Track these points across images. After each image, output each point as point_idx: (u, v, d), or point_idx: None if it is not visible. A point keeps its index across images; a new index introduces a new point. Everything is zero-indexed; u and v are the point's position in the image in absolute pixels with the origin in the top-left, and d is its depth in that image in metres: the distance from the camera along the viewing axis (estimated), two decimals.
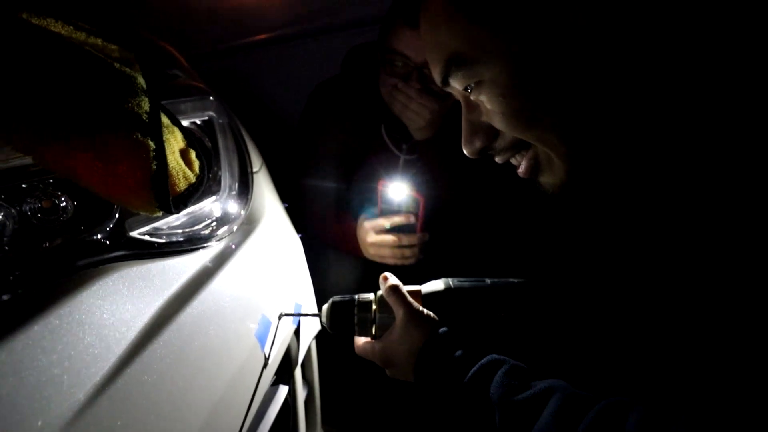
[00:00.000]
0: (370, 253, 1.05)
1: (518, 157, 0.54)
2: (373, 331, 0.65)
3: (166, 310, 0.48)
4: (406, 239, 1.01)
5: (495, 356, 0.53)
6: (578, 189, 0.52)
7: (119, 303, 0.44)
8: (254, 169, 0.79)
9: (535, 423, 0.45)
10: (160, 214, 0.49)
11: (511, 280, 0.67)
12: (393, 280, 0.65)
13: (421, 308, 0.61)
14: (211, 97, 0.73)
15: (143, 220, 0.53)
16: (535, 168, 0.53)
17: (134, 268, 0.48)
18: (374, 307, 0.65)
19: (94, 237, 0.48)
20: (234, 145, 0.74)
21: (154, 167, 0.47)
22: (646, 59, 0.43)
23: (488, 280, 0.67)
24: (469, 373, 0.52)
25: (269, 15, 1.96)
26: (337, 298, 0.67)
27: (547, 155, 0.51)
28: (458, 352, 0.54)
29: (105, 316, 0.42)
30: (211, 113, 0.71)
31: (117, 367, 0.41)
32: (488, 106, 0.50)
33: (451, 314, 0.63)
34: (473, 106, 0.53)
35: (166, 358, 0.45)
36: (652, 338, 0.48)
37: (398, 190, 1.00)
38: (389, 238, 1.02)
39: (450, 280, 0.67)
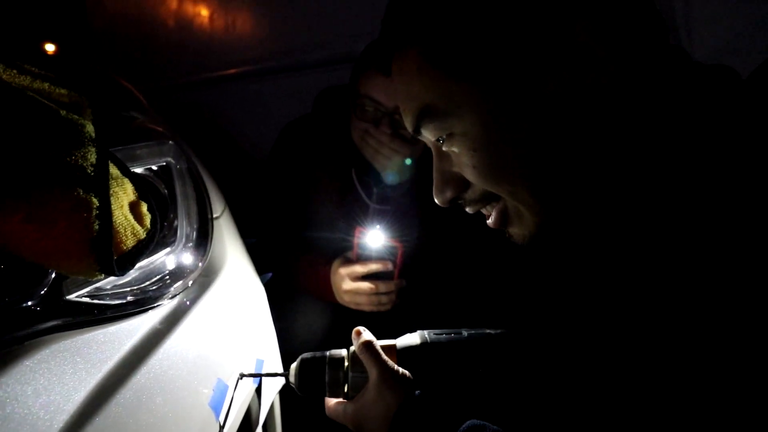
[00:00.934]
0: (345, 300, 1.02)
1: (489, 208, 0.54)
2: (346, 391, 0.61)
3: (105, 384, 0.42)
4: (383, 286, 0.98)
5: (474, 422, 0.50)
6: (548, 239, 0.52)
7: (48, 383, 0.39)
8: (215, 215, 0.75)
9: None
10: (101, 277, 0.45)
11: (488, 331, 0.65)
12: (366, 335, 0.62)
13: (395, 367, 0.58)
14: (170, 142, 0.70)
15: (83, 280, 0.48)
16: (504, 220, 0.53)
17: (69, 340, 0.43)
18: (347, 364, 0.61)
19: (24, 304, 0.43)
20: (193, 192, 0.70)
21: (96, 227, 0.43)
22: (614, 118, 0.44)
23: (465, 332, 0.64)
24: None
25: (240, 50, 1.96)
26: (306, 355, 0.63)
27: (516, 208, 0.51)
28: (435, 419, 0.51)
29: (29, 401, 0.36)
30: (169, 159, 0.68)
31: None
32: (459, 158, 0.50)
33: (427, 371, 0.60)
34: (445, 156, 0.53)
35: None
36: (635, 392, 0.46)
37: (376, 237, 0.98)
38: (366, 285, 0.98)
39: (426, 333, 0.64)
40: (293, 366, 0.63)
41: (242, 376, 0.61)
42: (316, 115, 1.17)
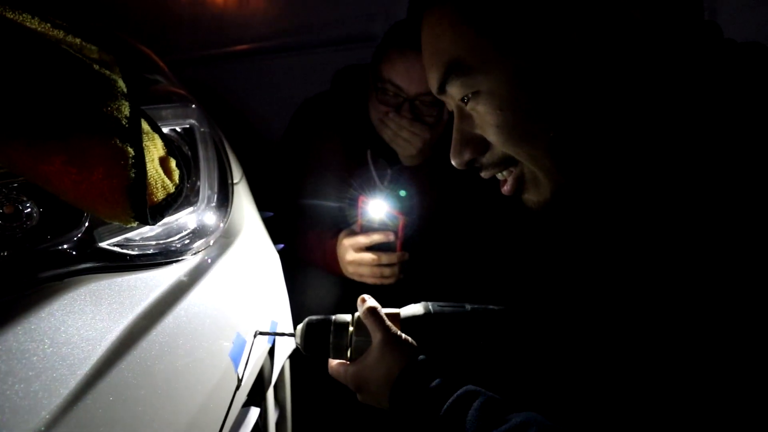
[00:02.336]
0: (349, 271, 1.03)
1: (505, 173, 0.54)
2: (349, 354, 0.63)
3: (135, 327, 0.45)
4: (385, 258, 1.00)
5: (471, 387, 0.51)
6: (562, 208, 0.52)
7: (84, 319, 0.41)
8: (235, 181, 0.76)
9: None
10: (134, 224, 0.47)
11: (491, 306, 0.66)
12: (371, 302, 0.63)
13: (399, 333, 0.59)
14: (193, 105, 0.71)
15: (114, 230, 0.50)
16: (519, 186, 0.53)
17: (102, 282, 0.45)
18: (351, 329, 0.63)
19: (60, 247, 0.45)
20: (215, 155, 0.71)
21: (132, 175, 0.44)
22: (642, 87, 0.44)
23: (468, 306, 0.66)
24: (445, 405, 0.50)
25: (253, 26, 1.95)
26: (313, 318, 0.65)
27: (533, 174, 0.51)
28: (435, 382, 0.52)
29: (68, 333, 0.39)
30: (193, 121, 0.69)
31: (80, 389, 0.37)
32: (483, 117, 0.50)
33: (429, 340, 0.62)
34: (467, 117, 0.52)
35: (133, 379, 0.42)
36: (634, 368, 0.48)
37: (378, 207, 0.99)
38: (368, 256, 1.00)
39: (430, 305, 0.66)
40: (299, 327, 0.64)
41: (257, 333, 0.64)
42: (335, 93, 1.17)
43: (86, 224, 0.47)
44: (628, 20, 0.42)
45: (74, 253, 0.45)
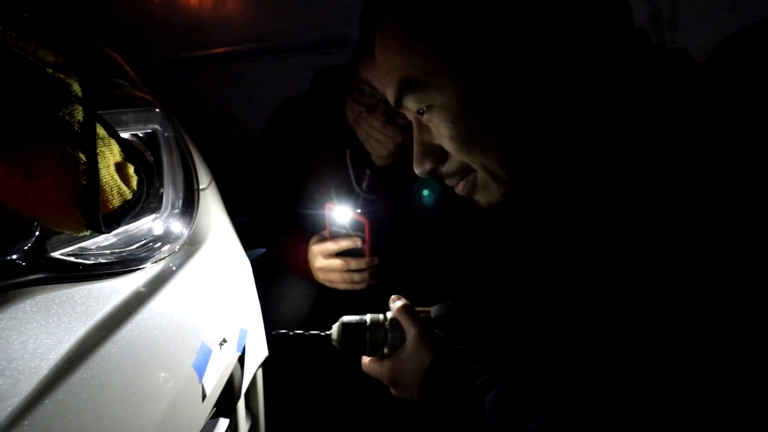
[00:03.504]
0: (320, 277, 1.03)
1: (464, 182, 0.56)
2: (384, 351, 0.66)
3: (88, 339, 0.43)
4: (354, 263, 1.00)
5: (497, 375, 0.54)
6: (513, 208, 0.54)
7: (30, 332, 0.39)
8: (201, 186, 0.75)
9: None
10: (87, 233, 0.45)
11: (448, 302, 0.70)
12: (404, 300, 0.68)
13: (432, 329, 0.64)
14: (157, 109, 0.69)
15: (68, 239, 0.48)
16: (471, 188, 0.56)
17: (53, 293, 0.43)
18: (387, 326, 0.67)
19: (8, 257, 0.43)
20: (179, 160, 0.70)
21: (84, 182, 0.43)
22: (578, 94, 0.46)
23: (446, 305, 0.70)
24: (471, 391, 0.53)
25: (229, 29, 1.93)
26: (346, 318, 0.69)
27: (485, 179, 0.53)
28: (465, 370, 0.55)
29: (12, 347, 0.37)
30: (156, 126, 0.67)
31: (25, 406, 0.36)
32: (438, 129, 0.52)
33: (460, 336, 0.66)
34: (425, 128, 0.54)
35: (85, 393, 0.40)
36: (589, 355, 0.49)
37: (344, 213, 0.99)
38: (337, 262, 1.00)
39: (448, 304, 0.70)
40: (335, 327, 0.68)
41: (280, 334, 0.67)
42: (313, 94, 1.17)
43: (36, 233, 0.45)
44: (562, 35, 0.44)
45: (23, 264, 0.44)
